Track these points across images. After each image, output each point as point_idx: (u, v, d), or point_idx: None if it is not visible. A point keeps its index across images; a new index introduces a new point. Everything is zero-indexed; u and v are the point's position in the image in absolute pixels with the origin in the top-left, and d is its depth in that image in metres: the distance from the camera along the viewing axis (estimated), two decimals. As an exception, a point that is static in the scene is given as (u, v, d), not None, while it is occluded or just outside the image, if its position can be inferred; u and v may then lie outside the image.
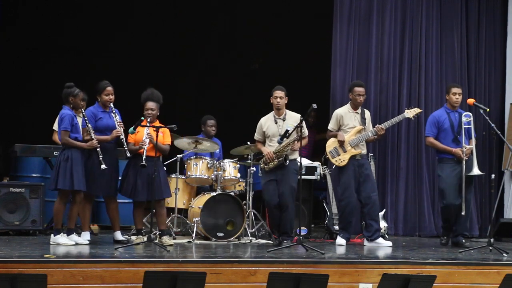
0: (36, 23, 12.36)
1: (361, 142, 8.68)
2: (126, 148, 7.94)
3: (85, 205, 8.05)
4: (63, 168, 7.67)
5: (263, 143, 8.51)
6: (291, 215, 8.37)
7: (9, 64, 11.93)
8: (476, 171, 8.64)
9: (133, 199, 8.18)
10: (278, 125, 8.40)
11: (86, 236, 7.99)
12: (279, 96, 8.40)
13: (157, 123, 8.14)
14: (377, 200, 8.79)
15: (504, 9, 10.75)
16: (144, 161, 7.81)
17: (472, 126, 8.82)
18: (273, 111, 8.52)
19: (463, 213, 8.71)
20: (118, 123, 7.99)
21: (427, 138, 8.96)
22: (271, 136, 8.40)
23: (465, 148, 8.69)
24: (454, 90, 8.91)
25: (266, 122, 8.46)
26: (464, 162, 8.68)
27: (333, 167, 9.01)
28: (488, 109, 8.91)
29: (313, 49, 12.44)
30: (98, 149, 7.78)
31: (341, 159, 8.65)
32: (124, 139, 7.95)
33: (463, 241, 8.85)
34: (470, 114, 8.88)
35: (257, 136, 8.56)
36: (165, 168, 8.51)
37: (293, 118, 8.37)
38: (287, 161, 8.25)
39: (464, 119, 8.79)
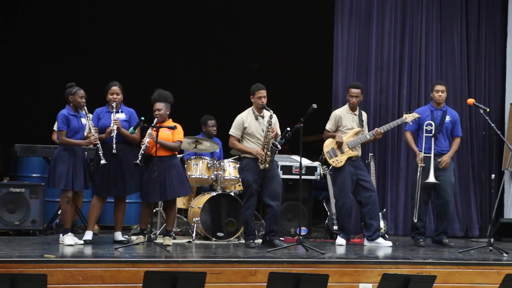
0: (37, 23, 12.37)
1: (359, 144, 8.70)
2: (114, 145, 7.77)
3: (94, 206, 8.03)
4: (51, 167, 7.79)
5: (238, 140, 8.33)
6: None
7: (9, 64, 11.94)
8: (431, 178, 8.67)
9: (142, 200, 8.17)
10: (259, 122, 8.33)
11: (88, 236, 7.95)
12: (264, 95, 8.26)
13: (169, 122, 8.13)
14: (377, 199, 8.80)
15: (504, 9, 10.74)
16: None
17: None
18: (250, 108, 8.33)
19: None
20: (114, 121, 7.95)
21: (405, 132, 8.99)
22: (253, 133, 8.25)
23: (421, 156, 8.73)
24: (437, 87, 8.95)
25: (247, 119, 8.29)
26: (420, 169, 8.73)
27: (330, 167, 9.02)
28: (488, 109, 8.91)
29: (313, 49, 12.45)
30: (98, 145, 7.76)
31: (338, 160, 8.66)
32: (114, 135, 7.84)
33: (446, 240, 8.88)
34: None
35: (236, 132, 8.29)
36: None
37: (267, 115, 8.31)
38: (279, 146, 8.18)
39: (446, 118, 8.82)
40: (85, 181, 7.88)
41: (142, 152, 7.82)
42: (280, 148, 8.18)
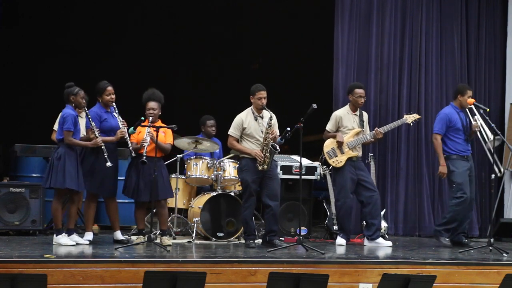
0: (37, 23, 12.37)
1: (360, 144, 8.70)
2: (130, 148, 7.91)
3: (89, 205, 8.04)
4: (55, 167, 7.66)
5: (237, 140, 8.31)
6: None
7: (9, 64, 11.93)
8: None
9: (135, 200, 8.17)
10: (258, 123, 8.31)
11: (88, 237, 7.97)
12: (264, 96, 8.24)
13: (159, 123, 8.14)
14: (379, 199, 8.79)
15: (504, 9, 10.75)
16: (144, 158, 7.81)
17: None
18: (250, 108, 8.32)
19: None
20: (122, 123, 7.97)
21: (436, 135, 8.82)
22: (252, 134, 8.24)
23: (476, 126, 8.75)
24: (470, 92, 8.86)
25: (247, 119, 8.27)
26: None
27: (330, 167, 9.02)
28: (488, 109, 8.91)
29: (313, 49, 12.45)
30: (103, 147, 7.76)
31: (338, 160, 8.66)
32: (128, 138, 7.93)
33: (466, 240, 8.84)
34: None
35: (235, 132, 8.28)
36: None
37: (266, 116, 8.32)
38: (278, 148, 8.17)
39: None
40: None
41: (146, 150, 7.85)
42: (279, 150, 8.18)
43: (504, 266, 7.31)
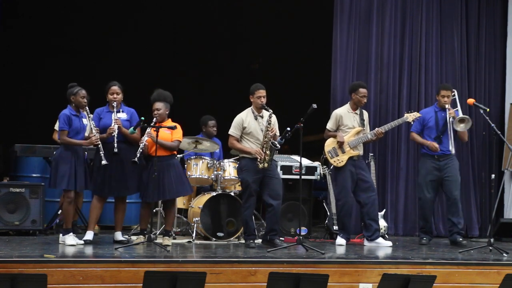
0: (37, 23, 12.37)
1: (360, 143, 8.69)
2: (115, 145, 7.78)
3: (95, 206, 8.02)
4: (51, 168, 7.78)
5: (238, 140, 8.30)
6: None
7: (10, 64, 11.94)
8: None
9: (142, 199, 8.16)
10: (258, 122, 8.31)
11: (89, 236, 7.94)
12: (263, 95, 8.25)
13: (169, 122, 8.13)
14: (376, 200, 8.80)
15: (504, 9, 10.75)
16: (136, 159, 7.74)
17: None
18: (250, 108, 8.32)
19: None
20: (115, 120, 7.94)
21: (410, 133, 9.15)
22: (252, 133, 8.23)
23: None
24: (443, 92, 8.96)
25: (247, 119, 8.27)
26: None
27: (331, 166, 9.02)
28: (488, 109, 8.91)
29: (313, 49, 12.45)
30: (99, 145, 7.74)
31: (340, 160, 8.66)
32: (115, 135, 7.84)
33: (460, 239, 8.86)
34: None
35: (235, 132, 8.28)
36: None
37: (266, 115, 8.30)
38: (278, 145, 8.17)
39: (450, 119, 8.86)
40: (85, 181, 7.88)
41: (141, 150, 7.83)
42: (279, 147, 8.17)
43: (504, 266, 7.32)
